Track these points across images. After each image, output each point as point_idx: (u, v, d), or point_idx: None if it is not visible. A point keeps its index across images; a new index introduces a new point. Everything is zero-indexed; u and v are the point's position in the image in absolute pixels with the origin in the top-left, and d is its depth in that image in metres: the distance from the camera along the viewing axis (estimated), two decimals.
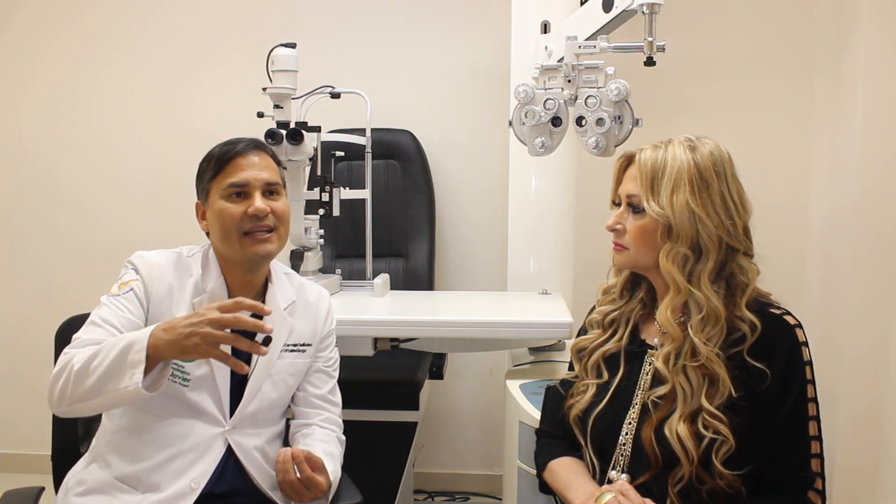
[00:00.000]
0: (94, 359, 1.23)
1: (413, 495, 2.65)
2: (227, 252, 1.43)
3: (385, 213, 2.66)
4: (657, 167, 1.28)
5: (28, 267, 3.04)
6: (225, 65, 2.89)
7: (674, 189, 1.25)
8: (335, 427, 1.54)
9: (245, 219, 1.39)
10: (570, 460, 1.38)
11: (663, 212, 1.26)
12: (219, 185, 1.41)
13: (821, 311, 2.54)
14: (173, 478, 1.36)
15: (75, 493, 1.38)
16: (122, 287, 1.38)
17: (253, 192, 1.41)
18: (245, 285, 1.46)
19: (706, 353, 1.22)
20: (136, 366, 1.18)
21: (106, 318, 1.34)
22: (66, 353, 1.29)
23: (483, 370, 2.89)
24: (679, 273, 1.26)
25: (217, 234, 1.42)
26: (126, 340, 1.22)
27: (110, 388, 1.21)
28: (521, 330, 1.89)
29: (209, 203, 1.43)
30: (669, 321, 1.27)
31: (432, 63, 2.85)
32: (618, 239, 1.35)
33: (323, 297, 1.59)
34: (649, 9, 1.72)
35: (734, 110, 2.71)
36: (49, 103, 2.99)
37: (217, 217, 1.41)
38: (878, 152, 2.33)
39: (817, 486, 1.22)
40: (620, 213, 1.35)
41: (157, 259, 1.43)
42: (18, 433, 3.03)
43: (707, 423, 1.20)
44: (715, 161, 1.27)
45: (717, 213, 1.26)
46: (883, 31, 2.31)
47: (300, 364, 1.51)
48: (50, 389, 1.27)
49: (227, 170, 1.41)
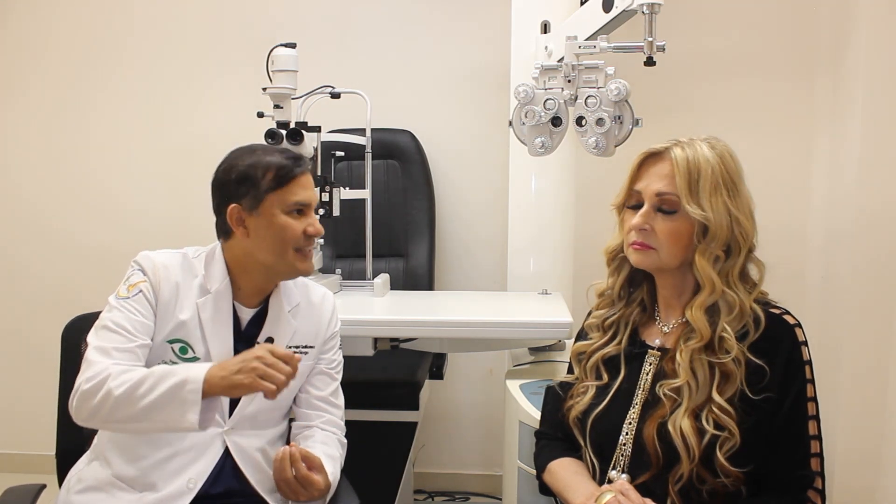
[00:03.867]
0: (138, 386, 1.24)
1: (413, 495, 2.66)
2: (275, 263, 1.42)
3: (385, 213, 2.66)
4: (692, 167, 1.26)
5: (31, 266, 3.04)
6: (225, 65, 2.89)
7: (712, 191, 1.25)
8: (336, 429, 1.54)
9: (303, 237, 1.42)
10: (570, 461, 1.38)
11: (705, 213, 1.25)
12: (282, 199, 1.40)
13: (820, 312, 2.54)
14: (171, 477, 1.36)
15: (75, 490, 1.39)
16: (130, 289, 1.38)
17: (310, 211, 1.44)
18: (257, 290, 1.47)
19: (737, 350, 1.22)
20: (191, 405, 1.22)
21: (119, 322, 1.34)
22: (91, 361, 1.29)
23: (483, 370, 2.89)
24: (714, 273, 1.26)
25: (270, 245, 1.41)
26: (178, 376, 1.24)
27: (158, 419, 1.24)
28: (521, 330, 1.89)
29: (261, 212, 1.40)
30: (702, 319, 1.26)
31: (432, 63, 2.85)
32: (644, 239, 1.31)
33: (327, 298, 1.59)
34: (649, 9, 1.72)
35: (734, 110, 2.70)
36: (49, 104, 2.99)
37: (277, 230, 1.40)
38: (879, 153, 2.32)
39: (817, 486, 1.22)
40: (647, 212, 1.30)
41: (163, 259, 1.43)
42: (22, 433, 3.03)
43: (714, 417, 1.20)
44: (736, 162, 1.30)
45: (747, 214, 1.28)
46: (883, 32, 2.31)
47: (303, 366, 1.50)
48: (78, 403, 1.27)
49: (292, 187, 1.40)
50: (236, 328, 1.45)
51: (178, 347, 1.40)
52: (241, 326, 1.46)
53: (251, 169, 1.40)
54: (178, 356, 1.39)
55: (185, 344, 1.40)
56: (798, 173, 2.71)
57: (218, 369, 1.25)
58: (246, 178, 1.40)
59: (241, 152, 1.44)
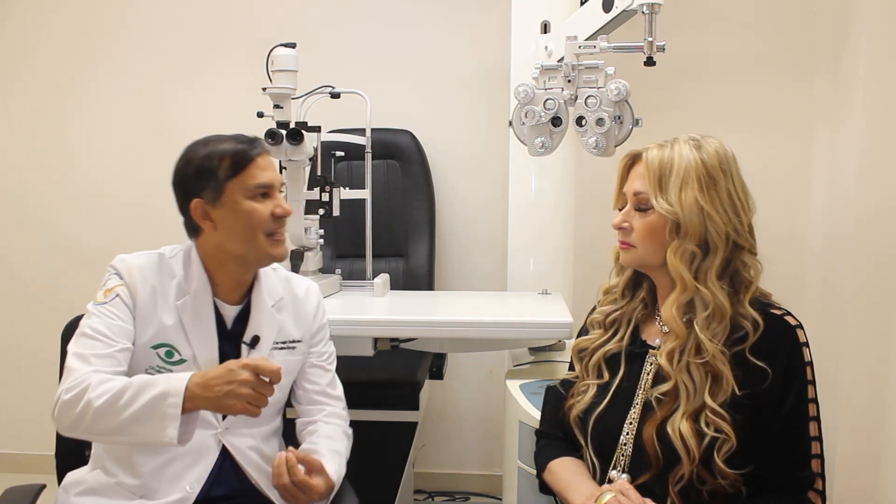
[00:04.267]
0: (118, 398, 1.22)
1: (413, 495, 2.66)
2: (247, 252, 1.40)
3: (385, 213, 2.66)
4: (664, 165, 1.28)
5: (31, 267, 3.04)
6: (225, 65, 2.89)
7: (682, 186, 1.26)
8: (340, 420, 1.53)
9: (271, 220, 1.39)
10: (570, 460, 1.38)
11: (672, 209, 1.26)
12: (242, 184, 1.36)
13: (820, 314, 2.54)
14: (170, 483, 1.36)
15: (75, 492, 1.39)
16: (107, 294, 1.37)
17: (274, 192, 1.40)
18: (236, 285, 1.45)
19: (712, 350, 1.22)
20: (170, 419, 1.20)
21: (97, 328, 1.33)
22: (70, 369, 1.28)
23: (483, 370, 2.89)
24: (686, 270, 1.26)
25: (239, 234, 1.38)
26: (158, 388, 1.22)
27: (138, 432, 1.22)
28: (521, 330, 1.88)
29: (224, 203, 1.37)
30: (674, 318, 1.27)
31: (432, 63, 2.85)
32: (625, 237, 1.35)
33: (311, 291, 1.57)
34: (649, 9, 1.72)
35: (734, 110, 2.70)
36: (49, 103, 2.98)
37: (243, 217, 1.37)
38: (879, 152, 2.32)
39: (817, 487, 1.22)
40: (627, 212, 1.34)
41: (139, 262, 1.41)
42: (22, 433, 3.03)
43: (709, 420, 1.20)
44: (721, 159, 1.28)
45: (724, 210, 1.26)
46: (883, 31, 2.30)
47: (292, 362, 1.50)
48: (60, 414, 1.26)
49: (251, 170, 1.37)
50: (221, 327, 1.43)
51: (164, 351, 1.38)
52: (226, 325, 1.44)
53: (206, 160, 1.37)
54: (165, 360, 1.37)
55: (171, 347, 1.38)
56: (798, 173, 2.71)
57: (201, 387, 1.21)
58: (203, 171, 1.37)
59: (195, 146, 1.41)
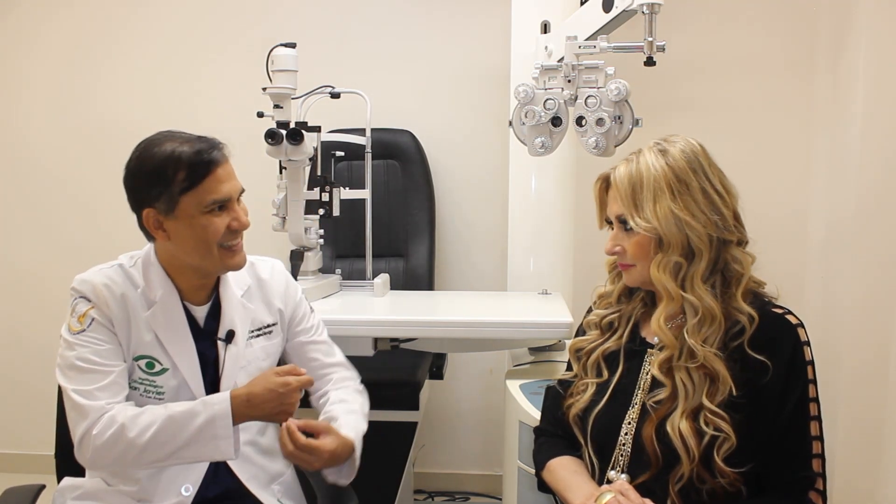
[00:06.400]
0: (162, 431, 1.26)
1: (413, 495, 2.66)
2: (202, 264, 1.36)
3: (385, 213, 2.66)
4: (633, 181, 1.28)
5: (31, 267, 3.03)
6: (224, 65, 2.89)
7: (655, 199, 1.26)
8: (348, 381, 1.54)
9: (227, 232, 1.33)
10: (570, 460, 1.38)
11: (650, 225, 1.26)
12: (198, 199, 1.29)
13: (820, 312, 2.54)
14: (166, 487, 1.36)
15: (72, 496, 1.39)
16: (81, 320, 1.33)
17: (232, 205, 1.34)
18: (201, 287, 1.42)
19: (703, 354, 1.22)
20: (223, 439, 1.27)
21: (87, 358, 1.30)
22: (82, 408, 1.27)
23: (483, 370, 2.89)
24: (671, 281, 1.26)
25: (193, 247, 1.33)
26: (203, 416, 1.27)
27: (189, 456, 1.29)
28: (521, 330, 1.89)
29: (177, 215, 1.30)
30: (662, 329, 1.27)
31: (432, 63, 2.85)
32: (622, 260, 1.35)
33: (276, 270, 1.54)
34: (649, 9, 1.72)
35: (734, 110, 2.70)
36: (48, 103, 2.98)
37: (198, 232, 1.31)
38: (879, 152, 2.32)
39: (818, 487, 1.22)
40: (615, 235, 1.34)
41: (101, 279, 1.36)
42: (22, 433, 3.03)
43: (709, 419, 1.20)
44: (688, 159, 1.27)
45: (702, 211, 1.25)
46: (883, 31, 2.30)
47: (272, 346, 1.49)
48: (96, 455, 1.27)
49: (208, 184, 1.29)
50: (194, 328, 1.40)
51: (145, 363, 1.36)
52: (199, 324, 1.42)
53: (161, 169, 1.29)
54: (146, 371, 1.36)
55: (151, 359, 1.36)
56: (798, 172, 2.71)
57: (247, 405, 1.29)
58: (156, 179, 1.29)
59: (148, 145, 1.33)
